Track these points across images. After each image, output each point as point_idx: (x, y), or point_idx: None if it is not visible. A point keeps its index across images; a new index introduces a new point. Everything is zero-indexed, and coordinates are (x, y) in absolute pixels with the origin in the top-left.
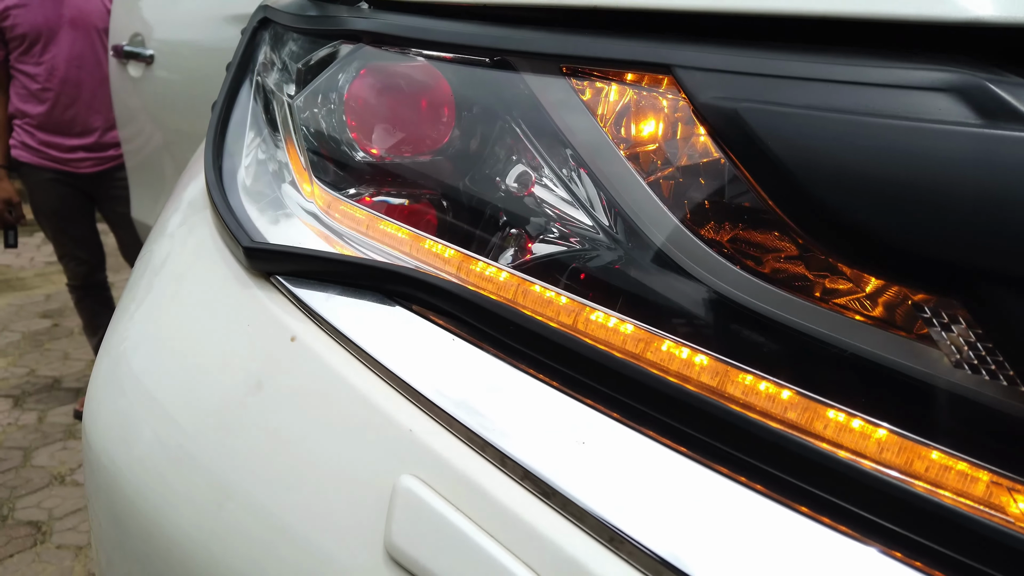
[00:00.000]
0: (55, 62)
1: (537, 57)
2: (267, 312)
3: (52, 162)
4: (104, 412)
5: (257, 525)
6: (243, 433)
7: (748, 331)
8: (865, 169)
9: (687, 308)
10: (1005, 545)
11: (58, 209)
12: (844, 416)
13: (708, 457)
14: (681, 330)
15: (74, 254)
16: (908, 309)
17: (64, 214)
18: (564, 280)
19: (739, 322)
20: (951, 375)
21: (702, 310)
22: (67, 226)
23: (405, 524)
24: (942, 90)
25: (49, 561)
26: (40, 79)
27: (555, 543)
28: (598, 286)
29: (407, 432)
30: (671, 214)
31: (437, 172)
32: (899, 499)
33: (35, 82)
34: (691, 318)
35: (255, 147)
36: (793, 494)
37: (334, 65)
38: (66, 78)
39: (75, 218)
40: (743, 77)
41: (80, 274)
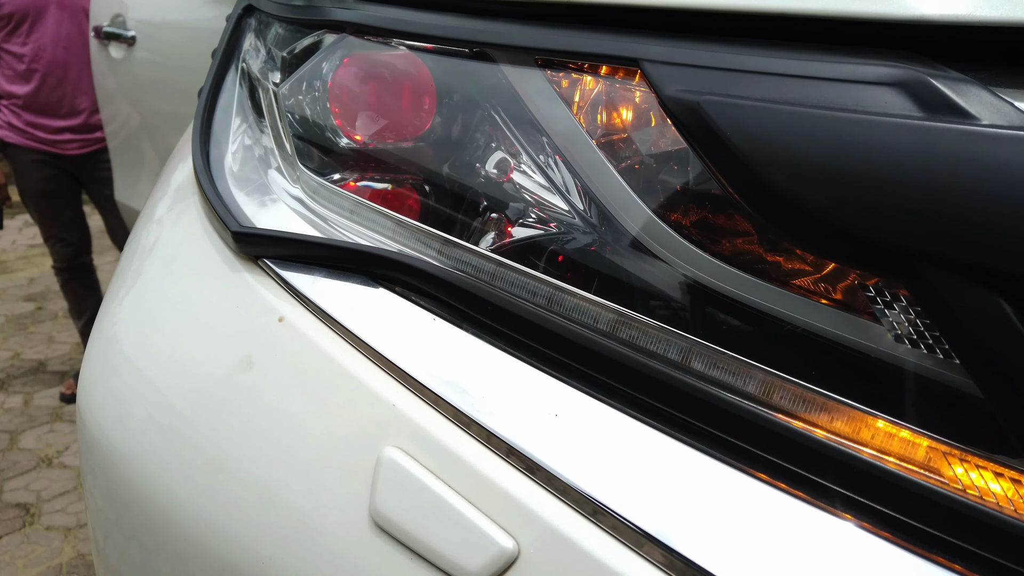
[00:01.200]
0: (42, 42)
1: (513, 49)
2: (255, 294)
3: (38, 143)
4: (98, 392)
5: (248, 496)
6: (234, 410)
7: (713, 311)
8: (816, 159)
9: (656, 290)
10: (942, 505)
11: (44, 190)
12: (800, 389)
13: (677, 430)
14: (650, 311)
15: (60, 236)
16: (856, 289)
17: (50, 195)
18: (541, 262)
19: (704, 303)
20: (893, 349)
21: (670, 292)
22: (53, 208)
23: (389, 492)
24: (888, 84)
25: (38, 542)
26: (26, 60)
27: (530, 508)
28: (573, 268)
29: (390, 407)
30: (640, 200)
31: (419, 158)
32: (849, 465)
33: (21, 63)
34: (660, 299)
35: (241, 133)
36: (756, 463)
37: (319, 54)
38: (53, 59)
39: (61, 200)
40: (706, 71)
41: (66, 256)
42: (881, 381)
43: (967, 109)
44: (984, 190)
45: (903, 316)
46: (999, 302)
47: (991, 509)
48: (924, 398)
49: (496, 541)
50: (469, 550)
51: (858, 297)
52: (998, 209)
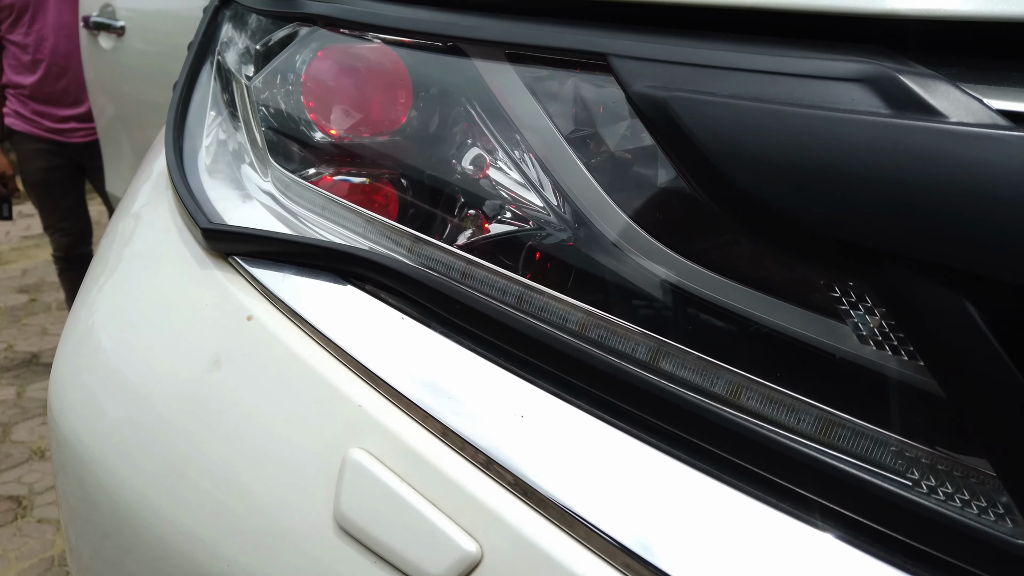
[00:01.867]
0: (43, 32)
1: (483, 44)
2: (225, 292)
3: (44, 131)
4: (70, 388)
5: (213, 498)
6: (201, 409)
7: (681, 311)
8: (781, 156)
9: (625, 289)
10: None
11: (47, 179)
12: (767, 390)
13: (645, 431)
14: (619, 310)
15: (60, 225)
16: (822, 289)
17: (53, 184)
18: (515, 260)
19: (674, 302)
20: (859, 350)
21: (639, 291)
22: (55, 197)
23: (353, 495)
24: (856, 81)
25: (30, 535)
26: (30, 50)
27: (494, 511)
28: (548, 266)
29: (357, 408)
30: (610, 198)
31: (394, 152)
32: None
33: (26, 53)
34: (629, 299)
35: (216, 127)
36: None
37: (291, 47)
38: (56, 48)
39: (64, 189)
40: (674, 67)
41: (64, 245)
42: (847, 382)
43: (935, 106)
44: (950, 189)
45: (868, 317)
46: (963, 303)
47: (955, 513)
48: (888, 399)
49: (459, 544)
50: (432, 553)
51: (825, 297)
52: (964, 209)
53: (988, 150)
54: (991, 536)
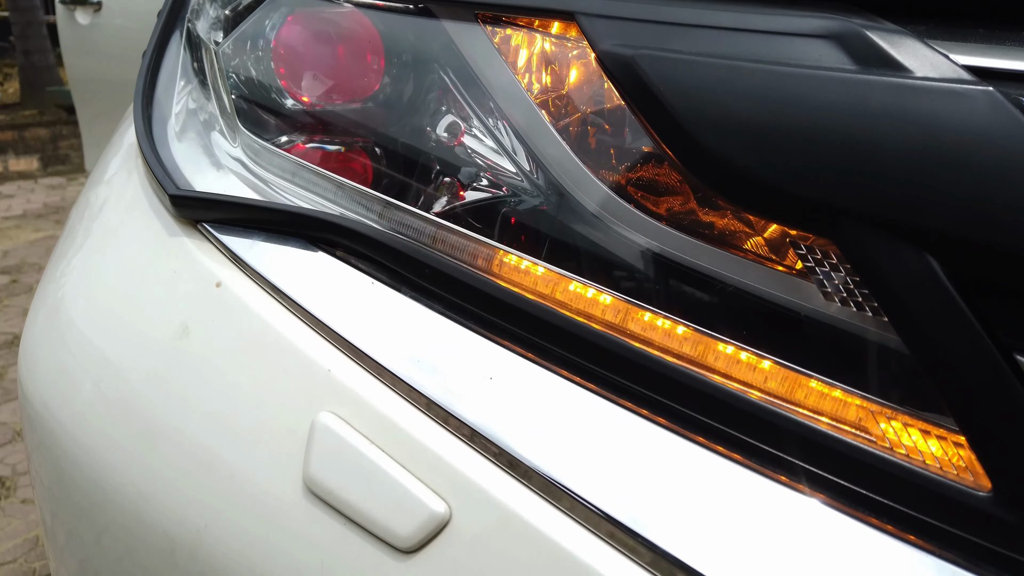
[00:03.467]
0: None
1: (452, 4)
2: (193, 259)
3: None
4: (41, 363)
5: (182, 466)
6: (171, 377)
7: (648, 271)
8: (746, 113)
9: (594, 252)
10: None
11: None
12: (733, 349)
13: (612, 391)
14: (588, 271)
15: None
16: (788, 247)
17: None
18: (489, 226)
19: (641, 263)
20: (825, 307)
21: (607, 252)
22: None
23: (322, 458)
24: (821, 37)
25: (14, 515)
26: None
27: (462, 472)
28: (522, 231)
29: (326, 372)
30: (580, 161)
31: (368, 119)
32: (784, 428)
33: None
34: (597, 259)
35: (186, 95)
36: (688, 424)
37: (260, 9)
38: None
39: None
40: (641, 24)
41: None
42: (812, 340)
43: (901, 62)
44: (915, 145)
45: (833, 274)
46: (927, 259)
47: (918, 467)
48: (853, 356)
49: (427, 505)
50: (401, 515)
51: (791, 255)
52: (928, 165)
53: (952, 105)
54: (953, 489)
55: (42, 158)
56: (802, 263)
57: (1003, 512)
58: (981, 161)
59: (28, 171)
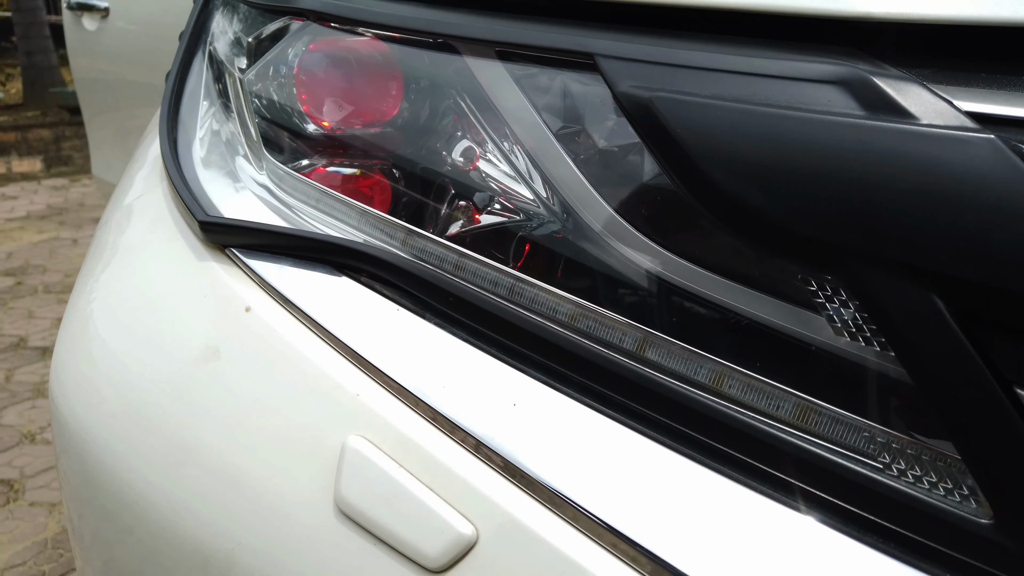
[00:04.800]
0: None
1: (472, 42)
2: (223, 283)
3: None
4: (70, 374)
5: (216, 482)
6: (202, 397)
7: (666, 302)
8: (758, 155)
9: (611, 281)
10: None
11: None
12: (748, 378)
13: (631, 418)
14: (606, 301)
15: None
16: (800, 283)
17: None
18: (505, 251)
19: (658, 294)
20: (834, 340)
21: (625, 283)
22: None
23: (352, 480)
24: (830, 82)
25: (23, 518)
26: None
27: (489, 496)
28: (537, 257)
29: (355, 396)
30: (596, 192)
31: (386, 143)
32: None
33: None
34: (615, 290)
35: (209, 118)
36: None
37: (284, 41)
38: None
39: None
40: (657, 67)
41: None
42: (823, 371)
43: (906, 108)
44: (919, 188)
45: (843, 310)
46: (931, 297)
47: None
48: (861, 387)
49: (455, 527)
50: (429, 536)
51: (802, 291)
52: (931, 208)
53: (955, 151)
54: (956, 516)
55: (45, 159)
56: (813, 298)
57: (1004, 539)
58: (982, 205)
59: (31, 172)
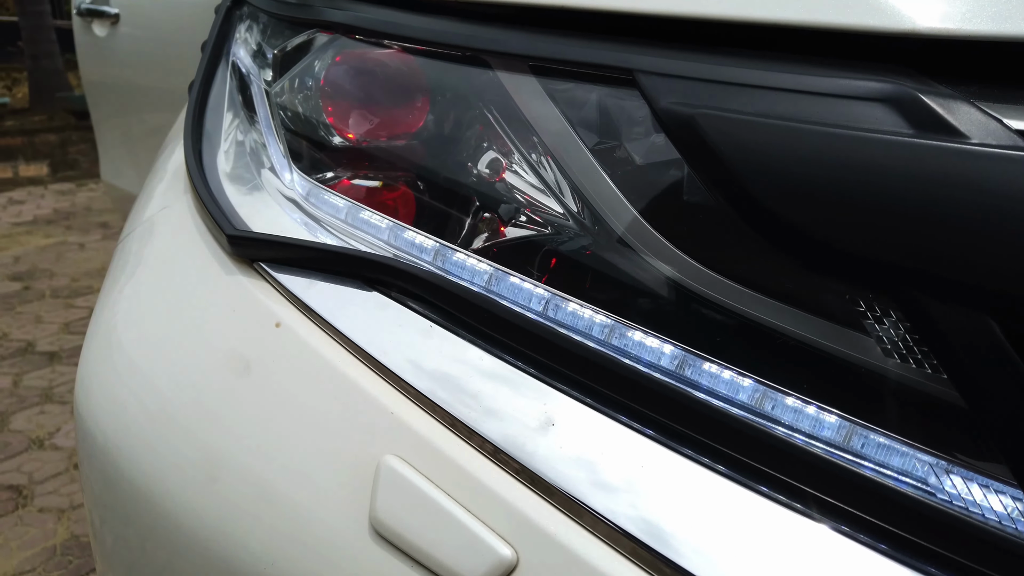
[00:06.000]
0: None
1: (505, 56)
2: (252, 298)
3: None
4: (95, 387)
5: (248, 500)
6: (232, 413)
7: (705, 319)
8: (804, 174)
9: (648, 297)
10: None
11: None
12: (798, 402)
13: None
14: (643, 318)
15: None
16: (847, 302)
17: None
18: (535, 265)
19: (697, 311)
20: (882, 362)
21: (661, 299)
22: None
23: (388, 500)
24: (878, 100)
25: (32, 524)
26: None
27: (529, 517)
28: (567, 271)
29: (389, 414)
30: (632, 207)
31: (412, 155)
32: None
33: None
34: (652, 307)
35: (234, 129)
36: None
37: (311, 55)
38: None
39: None
40: (700, 84)
41: None
42: (871, 392)
43: (955, 126)
44: (970, 209)
45: (892, 331)
46: (986, 321)
47: (979, 522)
48: (914, 410)
49: (495, 549)
50: (468, 558)
51: (849, 311)
52: (985, 228)
53: (1007, 170)
54: (1011, 542)
55: (51, 163)
56: (860, 319)
57: None
58: None
59: (38, 176)
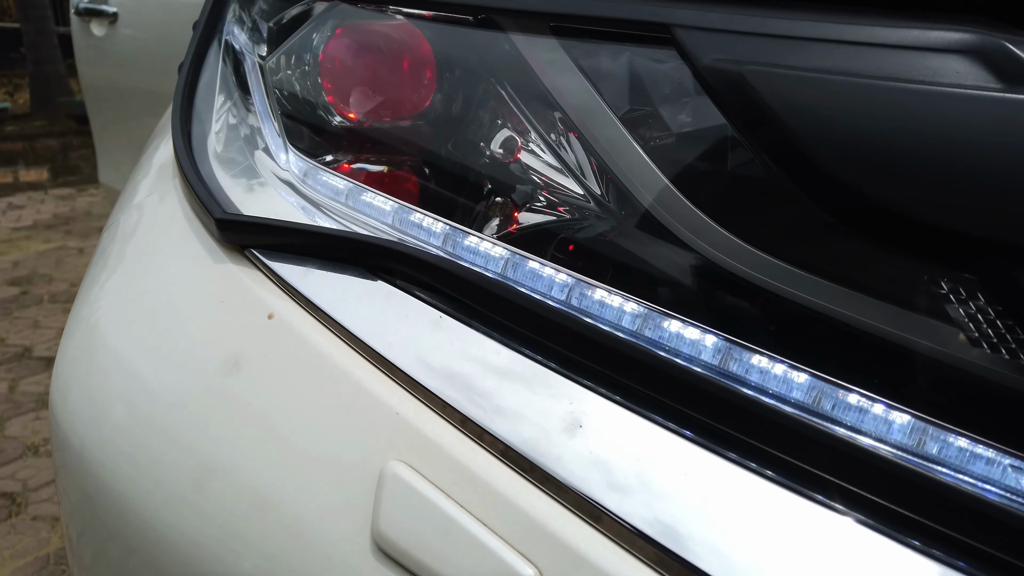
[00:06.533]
0: None
1: (522, 15)
2: (242, 287)
3: None
4: (73, 386)
5: (235, 511)
6: (219, 415)
7: (755, 308)
8: (880, 137)
9: (686, 282)
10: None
11: None
12: (857, 396)
13: (714, 441)
14: (680, 305)
15: None
16: (923, 284)
17: None
18: (552, 251)
19: (744, 298)
20: (967, 353)
21: (702, 285)
22: None
23: (393, 512)
24: (958, 52)
25: (25, 532)
26: None
27: (552, 531)
28: (589, 257)
29: (394, 415)
30: (670, 183)
31: (419, 137)
32: (928, 488)
33: None
34: (691, 292)
35: (226, 111)
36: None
37: (308, 24)
38: None
39: None
40: (748, 38)
41: None
42: (952, 389)
43: None
44: None
45: (980, 317)
46: None
47: None
48: (1004, 410)
49: (514, 568)
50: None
51: (929, 294)
52: None
53: None
54: None
55: (52, 169)
56: (940, 304)
57: None
58: None
59: (38, 181)
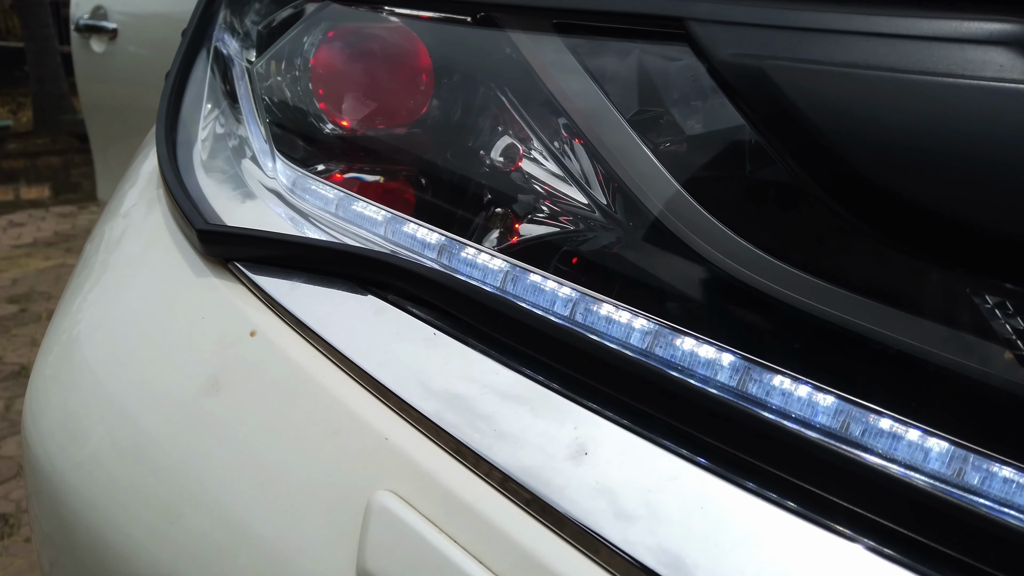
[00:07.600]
0: None
1: (524, 12)
2: (224, 302)
3: None
4: (47, 409)
5: (213, 542)
6: (199, 441)
7: (774, 323)
8: (916, 137)
9: (700, 296)
10: None
11: None
12: (889, 421)
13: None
14: (694, 321)
15: None
16: (965, 297)
17: None
18: (554, 264)
19: (764, 313)
20: (1014, 373)
21: (718, 299)
22: None
23: (380, 547)
24: (1001, 43)
25: (17, 554)
26: None
27: (554, 569)
28: (594, 270)
29: (383, 441)
30: (682, 189)
31: (414, 145)
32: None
33: None
34: (705, 307)
35: (213, 119)
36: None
37: (298, 25)
38: None
39: None
40: (768, 31)
41: None
42: (997, 414)
43: None
44: None
45: None
46: None
47: None
48: None
49: None
50: None
51: (971, 309)
52: None
53: None
54: None
55: (53, 186)
56: (983, 320)
57: None
58: None
59: (39, 199)
